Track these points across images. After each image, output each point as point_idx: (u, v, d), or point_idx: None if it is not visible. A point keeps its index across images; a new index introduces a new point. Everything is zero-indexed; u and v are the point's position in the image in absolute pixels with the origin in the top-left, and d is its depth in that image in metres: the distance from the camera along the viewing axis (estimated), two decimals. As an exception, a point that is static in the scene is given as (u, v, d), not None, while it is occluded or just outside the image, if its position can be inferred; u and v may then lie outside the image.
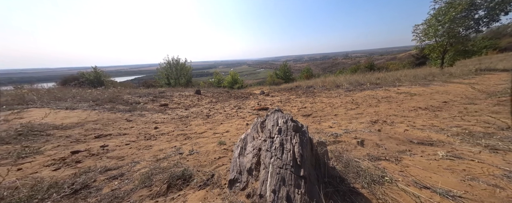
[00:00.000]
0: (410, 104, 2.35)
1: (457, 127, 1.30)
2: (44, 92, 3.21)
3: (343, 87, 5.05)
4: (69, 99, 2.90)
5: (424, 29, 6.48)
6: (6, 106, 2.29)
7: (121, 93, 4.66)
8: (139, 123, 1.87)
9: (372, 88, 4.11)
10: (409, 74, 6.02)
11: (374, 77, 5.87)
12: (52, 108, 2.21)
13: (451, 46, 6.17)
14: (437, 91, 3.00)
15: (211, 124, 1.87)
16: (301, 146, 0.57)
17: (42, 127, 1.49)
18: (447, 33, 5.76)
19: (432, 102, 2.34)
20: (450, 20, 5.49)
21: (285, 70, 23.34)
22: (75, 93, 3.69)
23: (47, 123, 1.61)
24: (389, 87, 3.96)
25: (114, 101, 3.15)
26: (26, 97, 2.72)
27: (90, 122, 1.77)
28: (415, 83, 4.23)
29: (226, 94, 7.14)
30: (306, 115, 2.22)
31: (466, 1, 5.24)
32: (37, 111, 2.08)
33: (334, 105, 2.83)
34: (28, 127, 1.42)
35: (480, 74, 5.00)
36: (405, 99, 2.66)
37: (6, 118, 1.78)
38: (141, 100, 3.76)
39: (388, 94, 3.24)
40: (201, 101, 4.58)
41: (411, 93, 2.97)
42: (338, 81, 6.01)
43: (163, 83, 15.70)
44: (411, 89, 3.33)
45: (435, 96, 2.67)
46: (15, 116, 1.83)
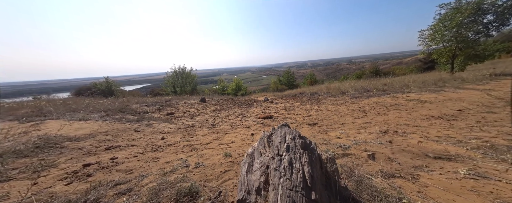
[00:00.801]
0: (421, 112, 2.25)
1: (476, 139, 1.22)
2: (60, 103, 3.41)
3: (348, 94, 4.97)
4: (82, 111, 3.06)
5: (430, 34, 6.41)
6: (26, 117, 2.45)
7: (130, 102, 4.84)
8: (146, 133, 1.91)
9: (379, 95, 4.00)
10: (418, 80, 5.85)
11: (381, 83, 5.75)
12: (67, 119, 2.33)
13: (461, 51, 6.01)
14: (450, 98, 2.87)
15: (216, 134, 1.88)
16: (311, 165, 0.56)
17: (57, 139, 1.57)
18: (455, 38, 5.65)
19: (445, 110, 2.23)
20: (458, 25, 5.42)
21: (288, 76, 23.49)
22: (88, 103, 3.89)
23: (62, 135, 1.69)
24: (397, 94, 3.84)
25: (124, 111, 3.28)
26: (43, 109, 2.91)
27: (101, 133, 1.84)
28: (425, 89, 4.09)
29: (230, 101, 7.22)
30: (312, 124, 2.17)
31: (472, 6, 5.20)
32: (53, 122, 2.20)
33: (341, 113, 2.76)
34: (45, 139, 1.50)
35: (495, 79, 4.77)
36: (416, 107, 2.56)
37: (26, 129, 1.89)
38: (149, 110, 3.87)
39: (396, 101, 3.13)
40: (206, 109, 4.65)
41: (422, 101, 2.86)
42: (343, 87, 5.93)
43: (169, 91, 16.22)
44: (421, 96, 3.21)
45: (448, 103, 2.55)
46: (34, 128, 1.95)
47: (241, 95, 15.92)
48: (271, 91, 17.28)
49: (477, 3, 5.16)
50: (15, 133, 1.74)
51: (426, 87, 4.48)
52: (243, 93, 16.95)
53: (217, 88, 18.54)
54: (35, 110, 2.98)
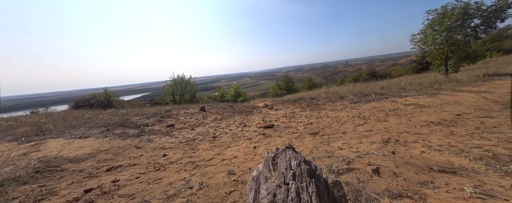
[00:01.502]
0: (420, 117, 2.27)
1: (478, 148, 1.23)
2: (59, 120, 3.39)
3: (347, 99, 5.01)
4: (82, 127, 3.04)
5: (421, 38, 6.65)
6: (25, 137, 2.42)
7: (130, 115, 4.82)
8: (148, 149, 1.89)
9: (377, 99, 4.05)
10: (414, 83, 5.96)
11: (378, 87, 5.84)
12: (67, 137, 2.31)
13: (452, 53, 6.20)
14: (447, 102, 2.91)
15: (218, 148, 1.87)
16: (318, 195, 0.56)
17: (57, 160, 1.54)
18: (446, 41, 5.86)
19: (444, 114, 2.25)
20: (447, 29, 5.65)
21: (287, 81, 23.70)
22: (87, 118, 3.87)
23: (62, 156, 1.66)
24: (395, 98, 3.89)
25: (124, 125, 3.25)
26: (43, 127, 2.89)
27: (102, 151, 1.82)
28: (421, 92, 4.16)
29: (230, 109, 7.21)
30: (313, 133, 2.17)
31: (458, 11, 5.45)
32: (53, 141, 2.18)
33: (341, 120, 2.77)
34: (45, 161, 1.48)
35: (489, 80, 4.88)
36: (415, 112, 2.59)
37: (25, 151, 1.86)
38: (149, 122, 3.86)
39: (395, 106, 3.17)
40: (206, 119, 4.63)
41: (420, 105, 2.90)
42: (342, 92, 6.00)
43: (168, 100, 16.20)
44: (419, 100, 3.25)
45: (446, 108, 2.59)
46: (33, 149, 1.92)
47: (240, 101, 15.92)
48: (270, 97, 17.33)
49: (463, 8, 5.42)
50: (15, 156, 1.71)
51: (423, 90, 4.55)
52: (242, 100, 16.98)
53: (216, 95, 18.58)
54: (34, 128, 2.97)
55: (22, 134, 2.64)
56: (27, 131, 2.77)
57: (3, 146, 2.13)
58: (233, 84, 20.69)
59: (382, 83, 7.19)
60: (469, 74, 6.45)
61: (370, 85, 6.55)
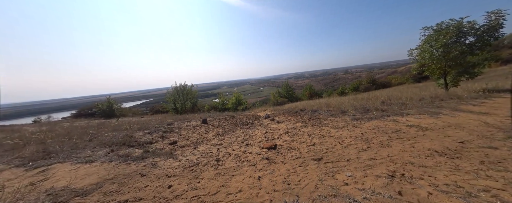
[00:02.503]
0: (424, 143, 2.28)
1: (485, 192, 1.22)
2: (65, 138, 3.44)
3: (349, 114, 5.03)
4: (87, 147, 3.07)
5: (419, 53, 6.84)
6: (32, 161, 2.46)
7: (133, 129, 4.85)
8: (152, 178, 1.89)
9: (379, 117, 4.07)
10: (415, 97, 6.00)
11: (379, 102, 5.88)
12: (73, 162, 2.34)
13: (450, 68, 6.33)
14: (449, 124, 2.93)
15: (223, 176, 1.86)
16: None
17: (64, 193, 1.55)
18: (443, 57, 6.01)
19: (447, 141, 2.26)
20: (442, 46, 5.83)
21: (287, 89, 23.92)
22: (92, 135, 3.92)
23: (69, 187, 1.67)
24: (397, 116, 3.91)
25: (128, 143, 3.28)
26: (49, 148, 2.94)
27: (108, 181, 1.82)
28: (423, 110, 4.18)
29: (231, 120, 7.23)
30: (317, 159, 2.17)
31: (452, 29, 5.68)
32: (60, 167, 2.21)
33: (344, 141, 2.78)
34: (53, 195, 1.49)
35: (489, 97, 4.92)
36: (417, 136, 2.60)
37: (32, 180, 1.88)
38: (152, 138, 3.87)
39: (397, 126, 3.18)
40: (208, 133, 4.64)
41: (422, 128, 2.91)
42: (343, 105, 6.04)
43: (170, 108, 16.32)
44: (421, 121, 3.27)
45: (449, 132, 2.60)
46: (41, 177, 1.94)
47: (241, 110, 15.96)
48: (271, 105, 17.38)
49: (457, 27, 5.65)
50: (23, 187, 1.73)
51: (424, 107, 4.58)
52: (243, 108, 17.00)
53: (218, 103, 18.69)
54: (40, 148, 3.01)
55: (29, 157, 2.68)
56: (34, 153, 2.81)
57: (12, 173, 2.15)
58: (234, 91, 20.88)
59: (383, 96, 7.24)
60: (469, 89, 6.51)
61: (371, 99, 6.60)
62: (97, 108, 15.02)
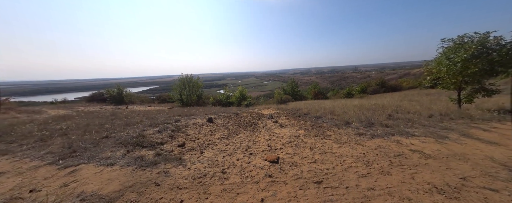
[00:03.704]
0: (424, 175, 2.33)
1: None
2: (85, 134, 3.75)
3: (352, 127, 5.05)
4: (105, 145, 3.36)
5: (435, 66, 6.47)
6: (61, 159, 2.77)
7: (144, 125, 5.14)
8: (166, 189, 2.10)
9: (383, 135, 4.08)
10: (424, 113, 5.86)
11: (385, 115, 5.79)
12: (97, 164, 2.62)
13: (466, 84, 6.01)
14: (454, 153, 2.93)
15: (228, 193, 2.05)
16: None
17: (93, 199, 1.80)
18: (460, 73, 5.68)
19: (448, 175, 2.30)
20: (462, 61, 5.47)
21: (292, 86, 23.64)
22: (108, 131, 4.24)
23: (97, 194, 1.92)
24: (401, 136, 3.91)
25: (141, 144, 3.54)
26: (74, 144, 3.25)
27: (128, 189, 2.05)
28: (429, 131, 4.13)
29: (235, 119, 7.44)
30: (317, 182, 2.30)
31: (476, 44, 5.26)
32: (86, 169, 2.49)
33: (345, 162, 2.87)
34: (84, 200, 1.74)
35: (503, 119, 4.75)
36: (420, 164, 2.64)
37: (65, 181, 2.16)
38: (162, 138, 4.13)
39: (400, 150, 3.21)
40: (214, 135, 4.86)
41: (426, 155, 2.93)
42: (348, 116, 6.01)
43: (176, 99, 16.77)
44: (426, 146, 3.27)
45: (452, 163, 2.62)
46: (71, 177, 2.22)
47: (245, 106, 16.18)
48: (275, 103, 17.38)
49: (481, 43, 5.21)
50: (58, 187, 2.01)
51: (431, 127, 4.50)
52: (247, 104, 17.18)
53: (222, 96, 18.97)
54: (65, 143, 3.36)
55: (58, 153, 3.03)
56: (61, 149, 3.17)
57: (47, 171, 2.46)
58: (238, 85, 20.96)
59: (390, 107, 7.09)
60: (483, 106, 6.25)
61: (377, 110, 6.49)
62: (108, 94, 15.84)
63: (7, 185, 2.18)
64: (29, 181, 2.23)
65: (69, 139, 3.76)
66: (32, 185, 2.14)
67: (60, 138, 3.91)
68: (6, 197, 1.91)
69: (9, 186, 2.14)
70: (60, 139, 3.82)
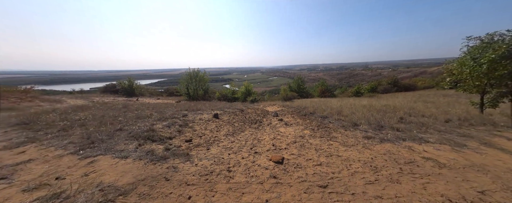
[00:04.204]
0: (437, 186, 2.23)
1: None
2: (103, 130, 4.06)
3: (361, 129, 4.90)
4: (119, 137, 3.57)
5: (457, 66, 5.93)
6: (82, 149, 3.00)
7: (153, 118, 5.35)
8: (175, 184, 2.21)
9: (393, 139, 3.91)
10: (440, 117, 5.51)
11: (397, 118, 5.52)
12: (112, 156, 2.81)
13: (492, 88, 5.49)
14: (472, 164, 2.75)
15: (234, 193, 2.11)
16: None
17: (111, 190, 1.95)
18: (486, 75, 5.17)
19: (465, 188, 2.18)
20: (489, 61, 4.94)
21: (299, 83, 23.20)
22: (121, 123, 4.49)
23: (114, 185, 2.07)
24: (414, 142, 3.72)
25: (151, 138, 3.71)
26: (92, 136, 3.50)
27: (141, 182, 2.18)
28: (445, 138, 3.89)
29: (241, 116, 7.49)
30: (322, 186, 2.29)
31: (508, 44, 4.70)
32: (103, 160, 2.70)
33: (351, 167, 2.82)
34: (103, 190, 1.90)
35: (532, 129, 4.35)
36: (433, 173, 2.52)
37: (85, 171, 2.35)
38: (170, 133, 4.29)
39: (412, 156, 3.07)
40: (219, 131, 4.95)
41: (440, 164, 2.78)
42: (356, 117, 5.81)
43: (183, 93, 17.17)
44: (440, 154, 3.10)
45: (470, 174, 2.47)
46: (90, 168, 2.41)
47: (250, 101, 16.21)
48: (281, 100, 17.23)
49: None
50: (80, 176, 2.20)
51: (448, 133, 4.24)
52: (252, 100, 17.21)
53: (228, 91, 19.10)
54: (84, 133, 3.65)
55: (78, 143, 3.32)
56: (81, 140, 3.45)
57: (69, 160, 2.68)
58: (244, 81, 20.91)
59: (402, 109, 6.75)
60: (508, 114, 5.75)
61: (387, 112, 6.19)
62: (120, 86, 16.66)
63: (37, 171, 2.40)
64: (55, 169, 2.45)
65: (87, 130, 4.03)
66: (57, 173, 2.35)
67: (80, 129, 4.20)
68: (36, 183, 2.12)
69: (38, 173, 2.36)
70: (80, 130, 4.10)
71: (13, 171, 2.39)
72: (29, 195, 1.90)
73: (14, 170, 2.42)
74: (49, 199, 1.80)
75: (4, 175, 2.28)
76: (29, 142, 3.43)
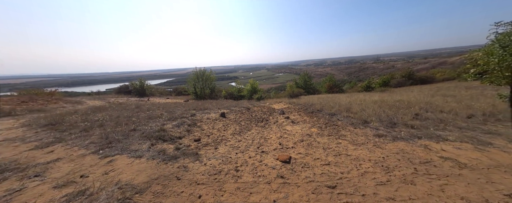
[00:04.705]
0: (457, 188, 2.09)
1: None
2: (119, 130, 4.33)
3: (371, 126, 4.70)
4: (134, 138, 3.80)
5: (482, 57, 5.35)
6: (101, 149, 3.24)
7: (163, 118, 5.59)
8: (186, 183, 2.31)
9: (407, 138, 3.71)
10: (462, 112, 5.09)
11: (411, 114, 5.20)
12: (128, 155, 3.01)
13: None
14: (499, 164, 2.52)
15: (242, 192, 2.16)
16: None
17: (128, 188, 2.10)
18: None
19: (489, 190, 2.02)
20: None
21: (305, 79, 22.72)
22: (135, 124, 4.75)
23: (131, 184, 2.22)
24: (431, 140, 3.49)
25: (162, 138, 3.89)
26: (109, 136, 3.76)
27: (154, 180, 2.31)
28: (467, 135, 3.60)
29: (247, 114, 7.53)
30: (331, 187, 2.26)
31: None
32: (120, 159, 2.89)
33: (362, 166, 2.74)
34: (121, 188, 2.05)
35: None
36: (451, 175, 2.36)
37: (105, 169, 2.55)
38: (180, 132, 4.46)
39: (428, 156, 2.90)
40: (227, 130, 5.05)
41: (460, 164, 2.59)
42: (366, 114, 5.57)
43: (191, 92, 17.65)
44: (461, 154, 2.87)
45: (495, 176, 2.27)
46: (109, 167, 2.61)
47: (256, 99, 16.22)
48: (287, 97, 17.02)
49: None
50: (101, 174, 2.39)
51: (470, 130, 3.92)
52: (258, 98, 17.23)
53: (234, 89, 19.27)
54: (103, 134, 3.98)
55: (98, 143, 3.58)
56: (101, 140, 3.73)
57: (91, 159, 2.92)
58: (249, 78, 20.89)
59: (418, 104, 6.34)
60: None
61: (401, 108, 5.84)
62: (133, 87, 17.66)
63: (64, 169, 2.66)
64: (79, 167, 2.69)
65: (105, 131, 4.33)
66: (82, 171, 2.58)
67: (99, 129, 4.48)
68: (64, 180, 2.34)
69: (65, 171, 2.61)
70: (99, 130, 4.42)
71: (45, 169, 2.67)
72: (58, 191, 2.11)
73: (46, 168, 2.69)
74: (75, 195, 1.99)
75: (38, 173, 2.55)
76: (56, 142, 3.78)
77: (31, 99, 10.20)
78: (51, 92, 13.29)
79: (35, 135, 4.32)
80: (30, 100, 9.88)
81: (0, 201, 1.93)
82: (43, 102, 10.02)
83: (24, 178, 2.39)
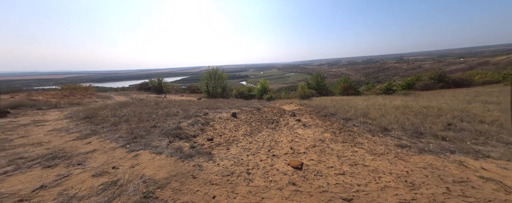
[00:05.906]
0: None
1: None
2: (142, 126, 4.69)
3: (392, 135, 4.33)
4: (154, 134, 4.13)
5: None
6: (128, 143, 3.60)
7: (179, 116, 5.93)
8: (201, 182, 2.44)
9: (437, 151, 3.31)
10: (509, 123, 4.37)
11: (443, 123, 4.61)
12: (150, 151, 3.28)
13: None
14: None
15: (254, 196, 2.20)
16: None
17: (151, 183, 2.30)
18: None
19: None
20: None
21: (318, 80, 21.94)
22: (154, 120, 5.15)
23: (153, 178, 2.43)
24: (467, 155, 3.06)
25: (179, 136, 4.15)
26: (134, 131, 4.15)
27: (173, 177, 2.49)
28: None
29: (257, 115, 7.57)
30: (347, 199, 2.16)
31: None
32: (143, 154, 3.18)
33: (381, 180, 2.54)
34: (145, 182, 2.27)
35: None
36: (495, 200, 2.03)
37: (132, 163, 2.83)
38: (194, 131, 4.69)
39: (464, 175, 2.55)
40: (238, 131, 5.15)
41: (507, 188, 2.22)
42: (386, 120, 5.13)
43: (203, 90, 18.41)
44: (507, 175, 2.46)
45: None
46: (135, 161, 2.89)
47: (266, 99, 16.18)
48: (298, 98, 16.61)
49: None
50: (129, 167, 2.67)
51: (520, 147, 3.33)
52: (268, 98, 17.18)
53: (244, 89, 19.53)
54: (129, 129, 4.42)
55: (125, 137, 3.96)
56: (127, 135, 4.10)
57: (120, 153, 3.27)
58: (260, 77, 20.89)
59: (451, 113, 5.60)
60: None
61: (430, 116, 5.21)
62: (152, 84, 19.39)
63: (99, 160, 3.02)
64: (111, 159, 3.02)
65: (130, 126, 4.78)
66: (113, 163, 2.90)
67: (125, 124, 4.93)
68: (100, 170, 2.67)
69: (101, 161, 2.97)
70: (125, 125, 4.82)
71: (85, 158, 3.07)
72: (96, 180, 2.41)
73: (85, 158, 3.09)
74: (109, 185, 2.25)
75: (80, 161, 2.94)
76: (92, 134, 4.31)
77: (71, 93, 11.75)
78: (86, 87, 15.19)
79: (76, 126, 4.98)
80: (70, 94, 11.39)
81: (53, 183, 2.30)
82: (80, 96, 11.46)
83: (70, 165, 2.79)
